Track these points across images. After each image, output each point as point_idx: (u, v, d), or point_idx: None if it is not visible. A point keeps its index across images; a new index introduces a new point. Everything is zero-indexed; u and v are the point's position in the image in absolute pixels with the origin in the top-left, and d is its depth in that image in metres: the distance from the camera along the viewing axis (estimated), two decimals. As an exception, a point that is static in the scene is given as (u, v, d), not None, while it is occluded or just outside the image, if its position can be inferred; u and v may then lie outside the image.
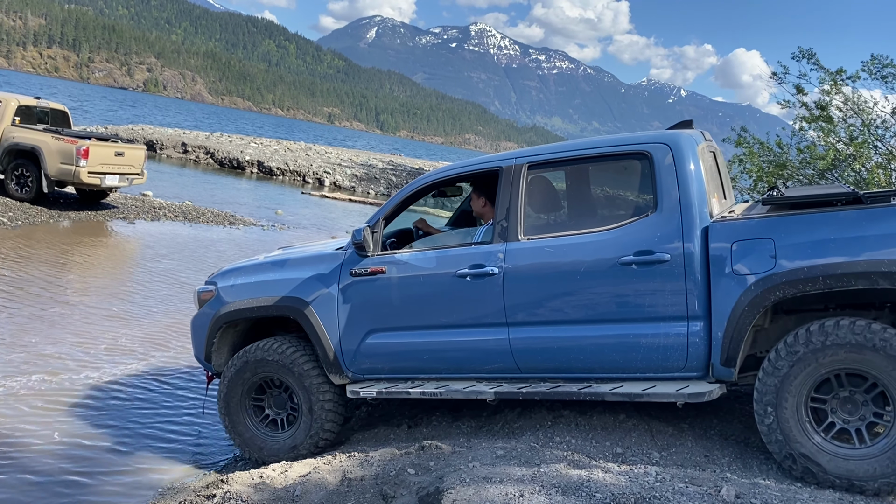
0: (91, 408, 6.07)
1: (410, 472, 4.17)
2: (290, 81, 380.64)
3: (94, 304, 8.85)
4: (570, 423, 4.59)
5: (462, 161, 5.05)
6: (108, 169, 14.50)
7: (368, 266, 4.81)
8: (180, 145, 32.13)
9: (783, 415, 3.74)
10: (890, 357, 3.53)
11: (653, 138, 4.30)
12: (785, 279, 3.73)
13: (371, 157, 41.79)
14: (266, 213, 19.38)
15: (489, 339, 4.49)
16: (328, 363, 4.92)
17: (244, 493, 4.14)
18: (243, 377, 5.12)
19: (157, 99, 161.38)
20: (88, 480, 4.97)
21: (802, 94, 16.11)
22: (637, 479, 3.56)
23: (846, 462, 3.61)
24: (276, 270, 5.23)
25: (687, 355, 4.02)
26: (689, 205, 4.04)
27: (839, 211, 3.78)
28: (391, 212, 4.94)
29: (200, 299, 5.48)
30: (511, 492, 3.47)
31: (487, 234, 4.60)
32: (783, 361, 3.76)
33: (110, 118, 48.12)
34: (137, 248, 13.10)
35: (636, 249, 4.07)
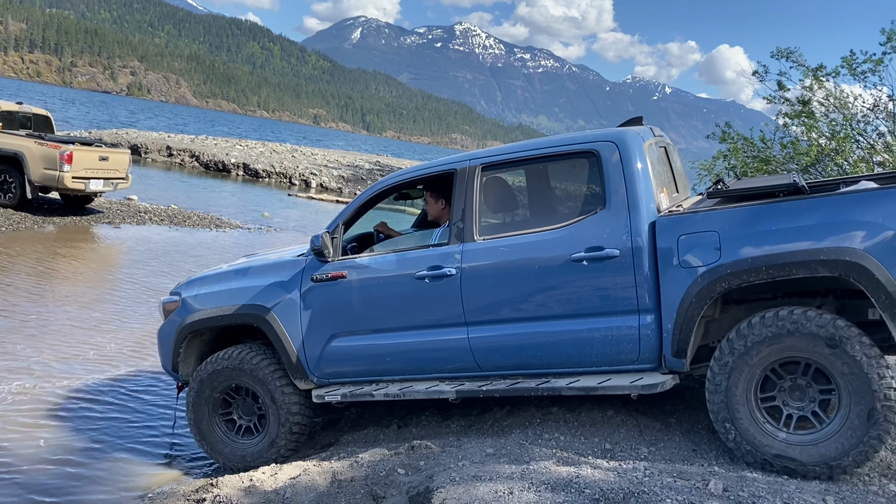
0: (76, 416, 6.03)
1: (400, 472, 4.18)
2: (275, 83, 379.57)
3: (79, 312, 8.79)
4: (558, 420, 4.61)
5: (419, 164, 5.11)
6: (93, 174, 14.42)
7: (329, 271, 4.87)
8: (165, 149, 31.96)
9: (741, 426, 3.83)
10: (808, 336, 3.66)
11: (600, 137, 4.39)
12: (729, 270, 3.82)
13: (358, 158, 41.73)
14: (253, 215, 19.32)
15: (449, 339, 4.57)
16: (292, 369, 4.97)
17: (234, 497, 4.13)
18: (210, 386, 5.17)
19: (141, 102, 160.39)
20: (76, 488, 4.94)
21: (784, 90, 16.24)
22: (626, 475, 3.58)
23: (816, 447, 3.68)
24: (238, 279, 5.28)
25: (639, 348, 4.13)
26: (636, 201, 4.14)
27: (780, 202, 3.88)
28: (350, 217, 4.98)
29: (166, 310, 5.52)
30: (501, 489, 3.48)
31: (444, 236, 4.67)
32: (721, 377, 3.89)
33: (94, 122, 47.78)
34: (123, 253, 13.02)
35: (587, 246, 4.17)
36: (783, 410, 3.82)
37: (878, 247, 3.56)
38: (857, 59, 14.92)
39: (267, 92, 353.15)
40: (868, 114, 15.43)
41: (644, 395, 4.16)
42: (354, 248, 5.23)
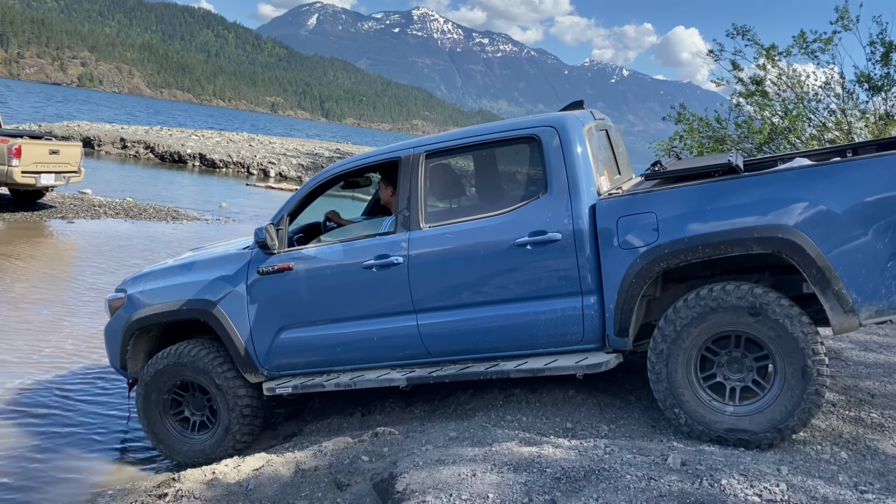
0: (30, 416, 5.90)
1: (364, 459, 4.17)
2: (231, 71, 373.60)
3: (33, 309, 8.58)
4: (520, 402, 4.65)
5: (365, 153, 5.09)
6: (43, 168, 14.05)
7: (275, 263, 4.84)
8: (119, 141, 31.28)
9: (689, 408, 3.92)
10: (730, 309, 3.78)
11: (540, 122, 4.43)
12: (667, 250, 3.91)
13: (317, 146, 41.34)
14: (210, 206, 19.03)
15: (399, 327, 4.59)
16: (242, 362, 4.95)
17: (196, 490, 4.09)
18: (158, 382, 5.13)
19: (93, 94, 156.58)
20: (34, 489, 4.84)
21: (738, 69, 16.48)
22: (587, 453, 3.63)
23: (762, 414, 3.78)
24: (184, 273, 5.23)
25: (583, 328, 4.20)
26: (576, 185, 4.20)
27: (715, 182, 3.96)
28: (295, 208, 4.95)
29: (111, 307, 5.45)
30: (464, 472, 3.50)
31: (394, 224, 4.67)
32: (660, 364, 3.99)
33: (44, 115, 46.54)
34: (77, 249, 12.73)
35: (530, 230, 4.22)
36: (725, 385, 3.92)
37: (809, 223, 3.66)
38: (809, 38, 15.20)
39: (222, 81, 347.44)
40: (820, 92, 15.75)
41: (598, 374, 4.22)
42: (301, 238, 5.20)
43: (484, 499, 3.23)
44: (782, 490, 3.13)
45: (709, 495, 3.09)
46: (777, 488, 3.14)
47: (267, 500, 4.00)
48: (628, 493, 3.17)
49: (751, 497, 3.08)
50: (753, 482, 3.18)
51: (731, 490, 3.12)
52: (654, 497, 3.12)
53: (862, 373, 5.11)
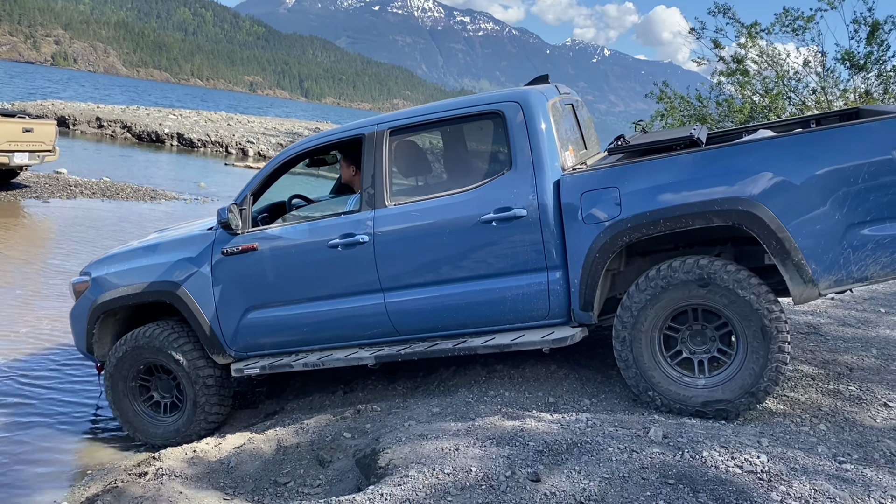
0: (10, 395, 5.82)
1: (347, 435, 4.16)
2: (209, 50, 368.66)
3: (6, 290, 8.45)
4: (503, 377, 4.65)
5: (328, 129, 5.02)
6: (17, 146, 13.78)
7: (239, 244, 4.78)
8: (95, 120, 30.76)
9: (662, 388, 3.94)
10: (680, 284, 3.83)
11: (504, 97, 4.39)
12: (630, 224, 3.92)
13: (296, 125, 40.97)
14: (189, 186, 18.81)
15: (366, 306, 4.56)
16: (209, 344, 4.93)
17: (177, 468, 4.06)
18: (125, 365, 5.10)
19: (67, 72, 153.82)
20: (12, 470, 4.78)
21: (720, 48, 16.50)
22: (569, 426, 3.64)
23: (733, 381, 3.82)
24: (148, 255, 5.17)
25: (549, 303, 4.21)
26: (540, 160, 4.18)
27: (676, 156, 3.97)
28: (258, 187, 4.87)
29: (76, 291, 5.38)
30: (447, 447, 3.49)
31: (358, 202, 4.63)
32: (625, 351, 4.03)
33: (16, 94, 45.67)
34: (52, 229, 12.54)
35: (495, 207, 4.20)
36: (693, 359, 3.96)
37: (769, 194, 3.69)
38: (791, 15, 15.23)
39: (200, 60, 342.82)
40: (800, 71, 15.82)
41: (580, 349, 4.24)
42: (265, 218, 5.15)
43: (467, 472, 3.23)
44: (763, 461, 3.15)
45: (690, 467, 3.11)
46: (758, 460, 3.16)
47: (248, 477, 3.98)
48: (610, 465, 3.18)
49: (732, 468, 3.10)
50: (734, 454, 3.21)
51: (713, 461, 3.14)
52: (636, 469, 3.13)
53: (840, 347, 5.16)
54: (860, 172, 3.60)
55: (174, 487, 3.81)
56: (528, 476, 3.16)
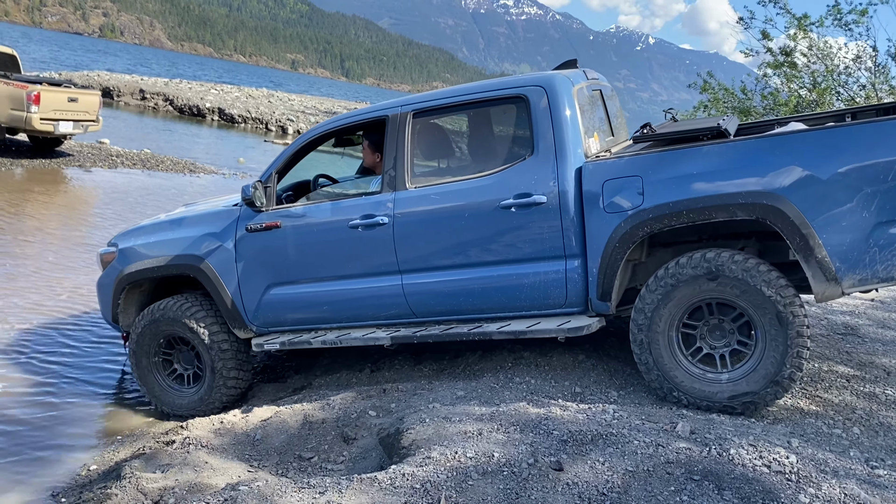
0: (44, 357, 5.96)
1: (371, 413, 4.18)
2: (252, 27, 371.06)
3: (47, 254, 8.64)
4: (529, 365, 4.62)
5: (352, 111, 5.02)
6: (62, 115, 14.02)
7: (263, 221, 4.83)
8: (138, 92, 31.20)
9: (686, 387, 3.88)
10: (690, 280, 3.79)
11: (529, 81, 4.34)
12: (651, 215, 3.87)
13: (336, 105, 41.09)
14: (227, 161, 19.01)
15: (384, 287, 4.58)
16: (231, 318, 4.99)
17: (204, 438, 4.12)
18: (148, 336, 5.18)
19: (113, 44, 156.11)
20: (46, 430, 4.90)
21: (768, 39, 16.10)
22: (595, 417, 3.60)
23: (757, 371, 3.75)
24: (174, 229, 5.24)
25: (566, 292, 4.17)
26: (563, 147, 4.12)
27: (701, 146, 3.88)
28: (283, 165, 4.90)
29: (103, 261, 5.47)
30: (470, 430, 3.49)
31: (380, 184, 4.62)
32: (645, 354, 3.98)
33: (64, 64, 46.49)
34: (94, 197, 12.77)
35: (515, 192, 4.16)
36: (714, 354, 3.90)
37: (794, 189, 3.61)
38: (844, 9, 14.80)
39: (243, 36, 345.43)
40: (850, 65, 15.38)
41: (610, 340, 4.19)
42: (290, 196, 5.18)
43: (489, 457, 3.22)
44: (792, 462, 3.09)
45: (717, 463, 3.06)
46: (787, 459, 3.10)
47: (274, 450, 4.02)
48: (635, 458, 3.14)
49: (759, 466, 3.04)
50: (763, 452, 3.14)
51: (740, 459, 3.09)
52: (661, 463, 3.09)
53: (878, 350, 5.04)
54: (890, 170, 3.49)
55: (200, 457, 3.86)
56: (550, 464, 3.14)
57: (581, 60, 4.93)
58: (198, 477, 3.62)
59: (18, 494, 4.12)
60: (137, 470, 3.77)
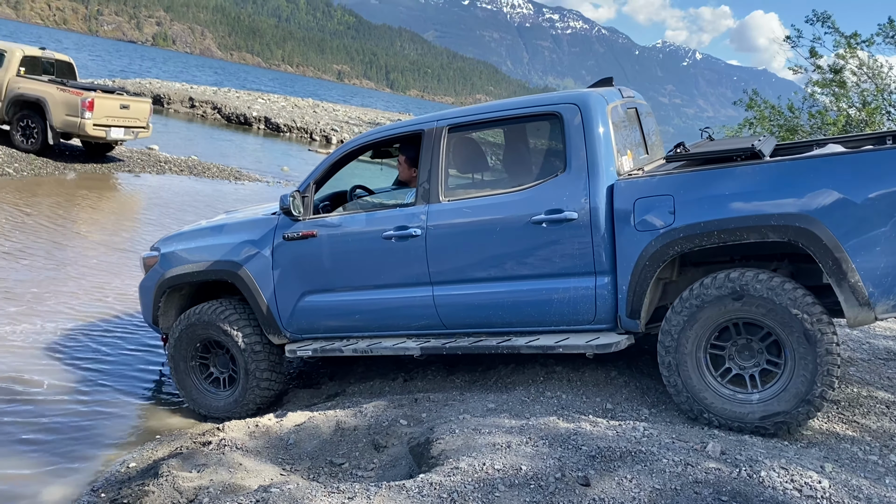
0: (87, 357, 6.14)
1: (403, 423, 4.23)
2: (300, 37, 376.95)
3: (95, 256, 8.91)
4: (561, 379, 4.63)
5: (389, 124, 5.12)
6: (114, 122, 14.46)
7: (300, 230, 4.93)
8: (187, 100, 31.95)
9: (717, 409, 3.84)
10: (715, 301, 3.79)
11: (563, 99, 4.39)
12: (682, 234, 3.87)
13: (379, 116, 41.52)
14: (272, 169, 19.35)
15: (415, 297, 4.65)
16: (265, 324, 5.09)
17: (239, 440, 4.21)
18: (186, 339, 5.30)
19: (165, 53, 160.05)
20: (87, 427, 5.05)
21: (816, 57, 15.86)
22: (625, 434, 3.60)
23: (787, 391, 3.71)
24: (214, 235, 5.38)
25: (596, 308, 4.18)
26: (595, 163, 4.15)
27: (734, 167, 3.88)
28: (321, 176, 5.02)
29: (146, 265, 5.64)
30: (499, 442, 3.51)
31: (415, 196, 4.69)
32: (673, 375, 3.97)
33: (117, 71, 47.83)
34: (142, 201, 13.13)
35: (547, 208, 4.19)
36: (743, 375, 3.86)
37: (827, 212, 3.58)
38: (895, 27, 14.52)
39: (291, 46, 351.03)
40: (901, 84, 15.07)
41: (643, 357, 4.18)
42: (327, 206, 5.28)
43: (517, 470, 3.24)
44: (824, 487, 3.05)
45: (746, 485, 3.04)
46: (819, 484, 3.06)
47: (306, 454, 4.09)
48: (663, 476, 3.13)
49: (790, 490, 3.01)
50: (794, 476, 3.11)
51: (770, 482, 3.06)
52: (690, 483, 3.08)
53: (921, 376, 4.92)
54: None
55: (235, 458, 3.95)
56: (578, 479, 3.15)
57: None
58: (232, 477, 3.71)
59: (60, 488, 4.26)
60: (174, 469, 3.87)
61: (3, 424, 4.86)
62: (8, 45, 14.83)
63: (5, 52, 14.44)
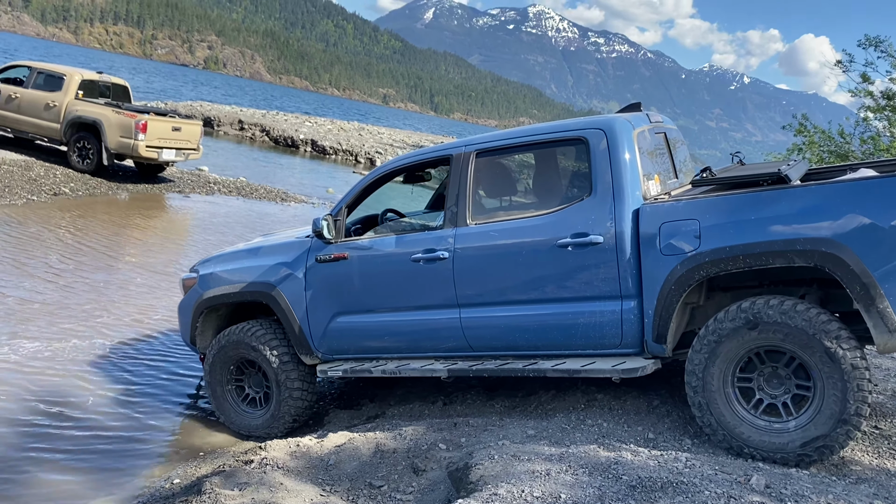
0: (132, 375, 6.28)
1: (442, 447, 4.23)
2: (347, 62, 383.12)
3: (145, 275, 9.13)
4: (602, 407, 4.59)
5: (420, 149, 5.23)
6: (166, 143, 14.85)
7: (332, 252, 5.04)
8: (237, 122, 32.67)
9: (755, 441, 3.78)
10: (732, 333, 3.77)
11: (589, 124, 4.44)
12: (708, 258, 3.85)
13: (423, 139, 41.87)
14: (317, 190, 19.64)
15: (442, 320, 4.71)
16: (298, 344, 5.18)
17: (280, 460, 4.26)
18: (222, 358, 5.42)
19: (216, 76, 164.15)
20: (132, 442, 5.17)
21: (868, 82, 15.58)
22: (666, 465, 3.55)
23: (822, 413, 3.64)
24: (250, 257, 5.53)
25: (622, 332, 4.18)
26: (621, 188, 4.17)
27: (759, 192, 3.87)
28: (353, 200, 5.13)
29: (185, 286, 5.82)
30: (538, 469, 3.49)
31: (443, 219, 4.77)
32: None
33: (170, 94, 49.19)
34: (191, 222, 13.43)
35: (572, 232, 4.23)
36: (776, 403, 3.80)
37: (855, 237, 3.54)
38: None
39: (339, 70, 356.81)
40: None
41: (682, 385, 4.12)
42: (359, 229, 5.40)
43: (556, 498, 3.22)
44: (873, 525, 2.96)
45: (792, 521, 2.97)
46: (868, 523, 2.97)
47: (346, 476, 4.12)
48: (705, 509, 3.07)
49: (837, 528, 2.93)
50: (842, 513, 3.03)
51: (817, 519, 2.98)
52: (733, 516, 3.01)
53: (978, 412, 4.75)
54: None
55: (276, 478, 4.00)
56: (617, 509, 3.11)
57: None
58: (273, 497, 3.75)
59: (105, 502, 4.36)
60: (217, 486, 3.93)
61: (51, 439, 5.00)
62: (67, 70, 15.41)
63: (65, 76, 15.00)
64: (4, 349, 6.17)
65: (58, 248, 9.53)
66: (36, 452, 4.79)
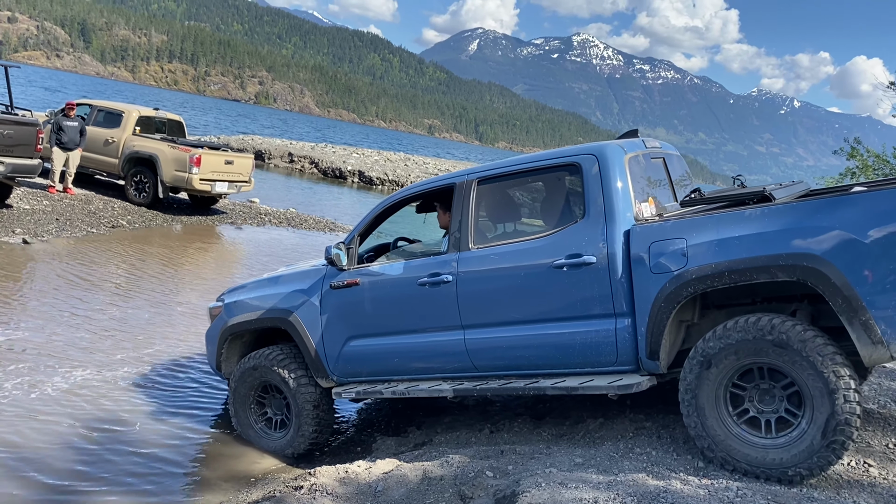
0: (177, 403, 6.40)
1: (489, 474, 4.23)
2: (393, 94, 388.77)
3: (197, 305, 9.35)
4: (651, 435, 4.54)
5: (427, 179, 5.44)
6: (219, 176, 15.29)
7: (345, 279, 5.26)
8: (287, 155, 33.41)
9: (766, 462, 3.78)
10: (725, 349, 3.84)
11: (582, 150, 4.61)
12: (695, 276, 3.96)
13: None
14: (364, 220, 19.86)
15: (448, 341, 4.86)
16: (314, 367, 5.37)
17: (329, 486, 4.31)
18: (244, 382, 5.63)
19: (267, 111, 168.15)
20: (183, 467, 5.28)
21: (923, 103, 15.20)
22: (717, 494, 3.50)
23: (815, 420, 3.63)
24: (271, 286, 5.77)
25: (617, 350, 4.29)
26: (612, 210, 4.32)
27: (742, 210, 3.97)
28: (365, 228, 5.38)
29: (211, 314, 6.10)
30: (585, 498, 3.47)
31: (447, 244, 4.94)
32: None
33: (223, 128, 50.55)
34: (244, 252, 13.74)
35: (567, 253, 4.37)
36: (785, 417, 3.80)
37: (836, 252, 3.60)
38: None
39: (385, 102, 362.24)
40: None
41: None
42: (371, 257, 5.62)
43: (604, 526, 3.19)
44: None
45: (848, 553, 2.89)
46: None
47: (393, 502, 4.14)
48: (758, 539, 3.02)
49: (897, 561, 2.84)
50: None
51: (875, 551, 2.90)
52: (787, 547, 2.95)
53: None
54: None
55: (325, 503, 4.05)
56: (667, 538, 3.07)
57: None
58: (321, 522, 3.79)
59: (162, 526, 4.45)
60: (267, 511, 3.99)
61: (104, 463, 5.13)
62: (126, 107, 16.03)
63: (123, 113, 15.60)
64: (56, 378, 6.38)
65: (113, 279, 9.85)
66: (88, 482, 4.88)
